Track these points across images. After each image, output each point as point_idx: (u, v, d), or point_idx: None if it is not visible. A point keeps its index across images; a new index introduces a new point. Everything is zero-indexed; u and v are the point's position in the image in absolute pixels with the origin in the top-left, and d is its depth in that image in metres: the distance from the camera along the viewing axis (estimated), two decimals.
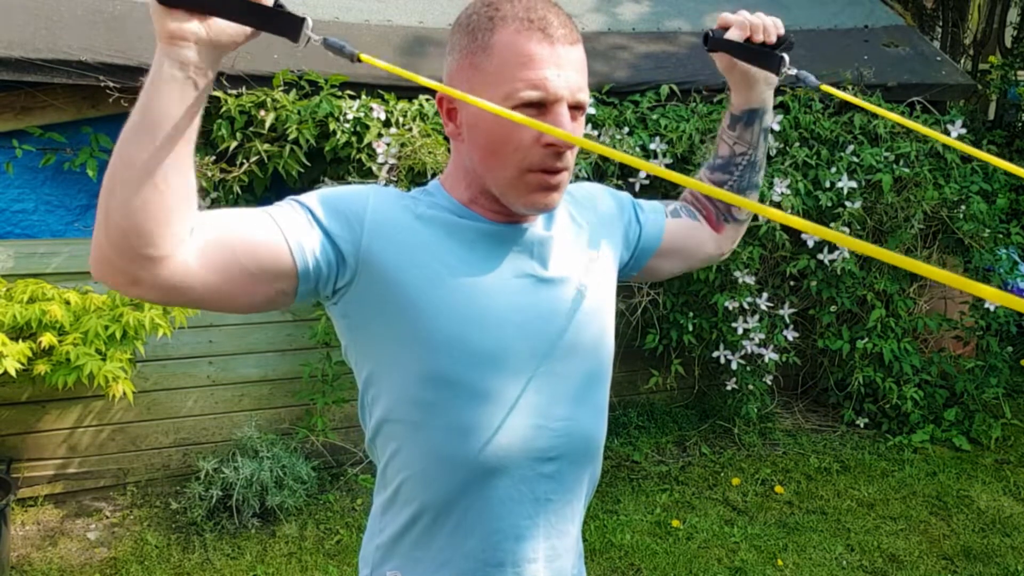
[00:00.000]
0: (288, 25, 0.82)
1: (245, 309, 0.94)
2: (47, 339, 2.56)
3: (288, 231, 0.93)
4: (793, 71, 1.13)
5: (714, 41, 1.17)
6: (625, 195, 1.27)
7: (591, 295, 1.11)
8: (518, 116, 0.78)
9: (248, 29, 0.82)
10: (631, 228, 1.23)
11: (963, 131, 3.81)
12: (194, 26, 0.79)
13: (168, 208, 0.80)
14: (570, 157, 1.00)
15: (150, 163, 0.79)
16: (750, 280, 3.61)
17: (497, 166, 0.99)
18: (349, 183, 3.05)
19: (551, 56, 0.95)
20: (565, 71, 0.96)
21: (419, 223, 1.01)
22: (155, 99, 0.79)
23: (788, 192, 3.54)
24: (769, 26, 1.15)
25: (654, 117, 3.60)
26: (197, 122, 0.82)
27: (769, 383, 3.88)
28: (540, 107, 0.95)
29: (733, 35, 1.14)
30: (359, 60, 0.84)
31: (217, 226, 0.88)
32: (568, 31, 0.97)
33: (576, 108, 0.98)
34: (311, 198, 0.98)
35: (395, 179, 3.06)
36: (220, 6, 0.79)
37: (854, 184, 3.65)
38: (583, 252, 1.12)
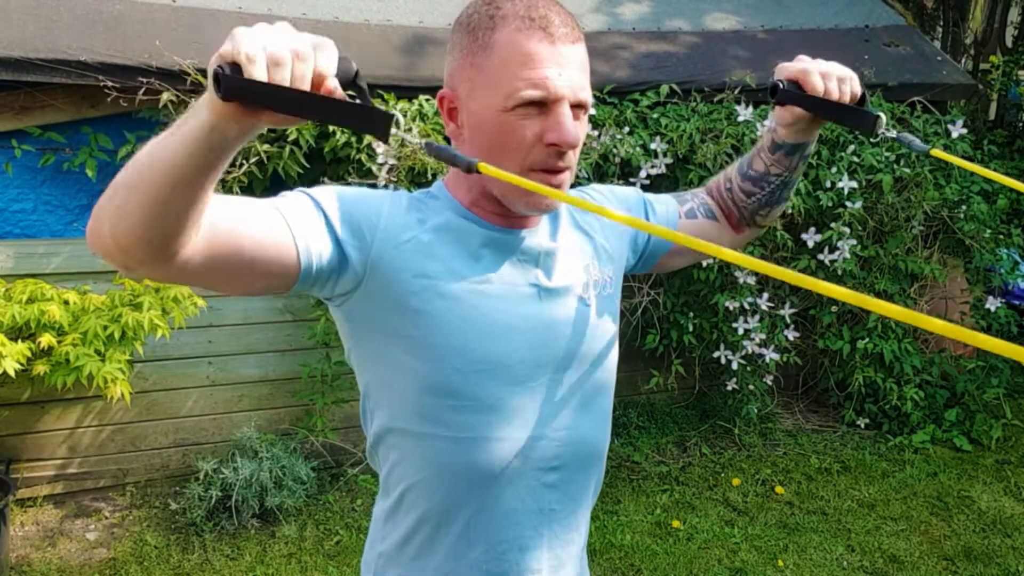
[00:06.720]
0: (372, 121, 0.72)
1: (239, 294, 0.94)
2: (46, 339, 2.56)
3: (297, 230, 0.91)
4: (892, 133, 1.01)
5: (785, 94, 1.05)
6: (635, 195, 1.24)
7: (596, 305, 1.09)
8: (542, 186, 0.77)
9: None
10: (640, 232, 1.21)
11: (964, 131, 3.80)
12: (252, 118, 0.71)
13: (182, 221, 0.77)
14: (572, 156, 0.99)
15: (170, 200, 0.75)
16: (751, 280, 3.61)
17: (498, 166, 0.98)
18: (349, 184, 3.05)
19: (552, 55, 0.94)
20: (567, 70, 0.95)
21: (427, 233, 1.00)
22: (186, 153, 0.73)
23: None
24: (845, 91, 1.04)
25: (654, 116, 3.59)
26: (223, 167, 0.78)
27: (769, 383, 3.87)
28: (541, 106, 0.94)
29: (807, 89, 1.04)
30: (478, 171, 0.76)
31: (225, 220, 0.85)
32: (569, 29, 0.96)
33: (578, 107, 0.97)
34: (326, 196, 0.96)
35: (395, 179, 3.05)
36: (293, 107, 0.67)
37: (855, 184, 3.65)
38: (588, 261, 1.11)
